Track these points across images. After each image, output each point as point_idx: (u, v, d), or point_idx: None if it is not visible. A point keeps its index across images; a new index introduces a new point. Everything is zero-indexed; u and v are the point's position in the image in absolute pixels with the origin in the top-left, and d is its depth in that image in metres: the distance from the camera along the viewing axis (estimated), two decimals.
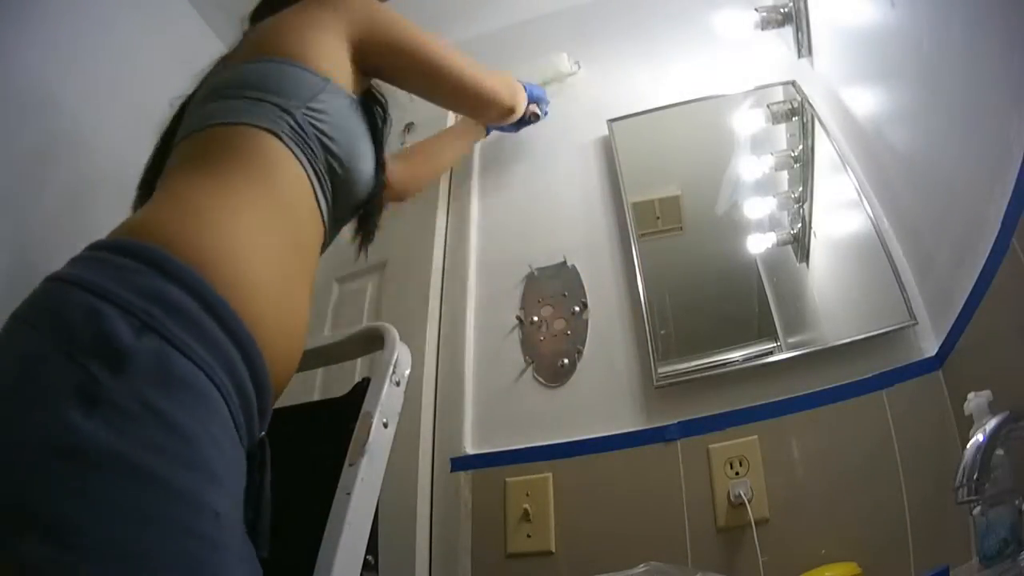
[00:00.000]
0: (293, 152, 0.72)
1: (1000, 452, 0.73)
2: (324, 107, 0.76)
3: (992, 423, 0.73)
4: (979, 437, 0.72)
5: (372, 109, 0.95)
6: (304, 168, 0.73)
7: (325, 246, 0.83)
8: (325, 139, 0.75)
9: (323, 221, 0.78)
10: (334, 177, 0.78)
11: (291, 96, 0.74)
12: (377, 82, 1.00)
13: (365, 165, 0.83)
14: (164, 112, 0.91)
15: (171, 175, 0.70)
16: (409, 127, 1.79)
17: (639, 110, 1.60)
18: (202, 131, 0.72)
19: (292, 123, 0.72)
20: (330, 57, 0.81)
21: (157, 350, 0.48)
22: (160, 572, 0.43)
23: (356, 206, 0.88)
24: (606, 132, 1.60)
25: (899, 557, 0.98)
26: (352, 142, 0.80)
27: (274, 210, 0.67)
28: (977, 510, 0.76)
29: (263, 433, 0.60)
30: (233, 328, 0.54)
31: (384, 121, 0.98)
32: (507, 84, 1.25)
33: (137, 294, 0.50)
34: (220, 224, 0.60)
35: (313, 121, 0.74)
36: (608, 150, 1.58)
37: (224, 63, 0.87)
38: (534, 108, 1.48)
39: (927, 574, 0.90)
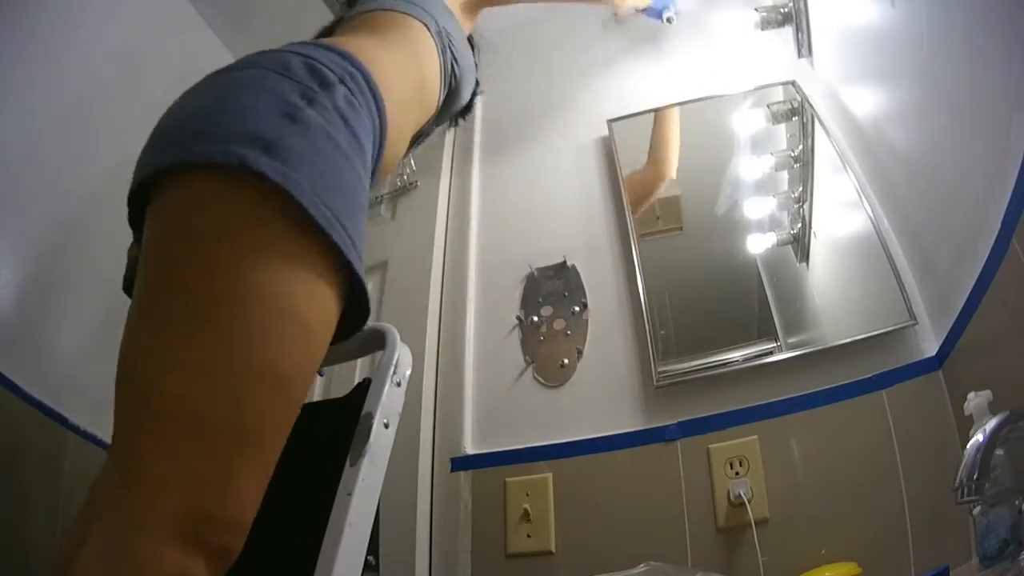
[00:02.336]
0: (435, 43, 0.89)
1: (1000, 452, 0.73)
2: (451, 28, 0.94)
3: (992, 423, 0.73)
4: (979, 437, 0.72)
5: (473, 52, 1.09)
6: (439, 57, 0.90)
7: (423, 134, 0.97)
8: (452, 49, 0.92)
9: (437, 102, 0.92)
10: (452, 79, 0.93)
11: (432, 10, 0.92)
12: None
13: (467, 89, 1.00)
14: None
15: (341, 34, 0.88)
16: None
17: (639, 110, 1.60)
18: (360, 15, 0.90)
19: (435, 26, 0.90)
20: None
21: (347, 95, 0.67)
22: (336, 191, 0.61)
23: (451, 115, 1.03)
24: (606, 132, 1.60)
25: (899, 557, 0.98)
26: (466, 63, 0.98)
27: (411, 66, 0.85)
28: (977, 510, 0.76)
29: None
30: (380, 105, 0.73)
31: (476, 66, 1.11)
32: None
33: (336, 65, 0.69)
34: (378, 55, 0.78)
35: (443, 31, 0.92)
36: (608, 150, 1.58)
37: None
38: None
39: (927, 574, 0.90)
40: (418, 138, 0.96)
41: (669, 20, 1.64)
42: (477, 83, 1.07)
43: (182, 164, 0.57)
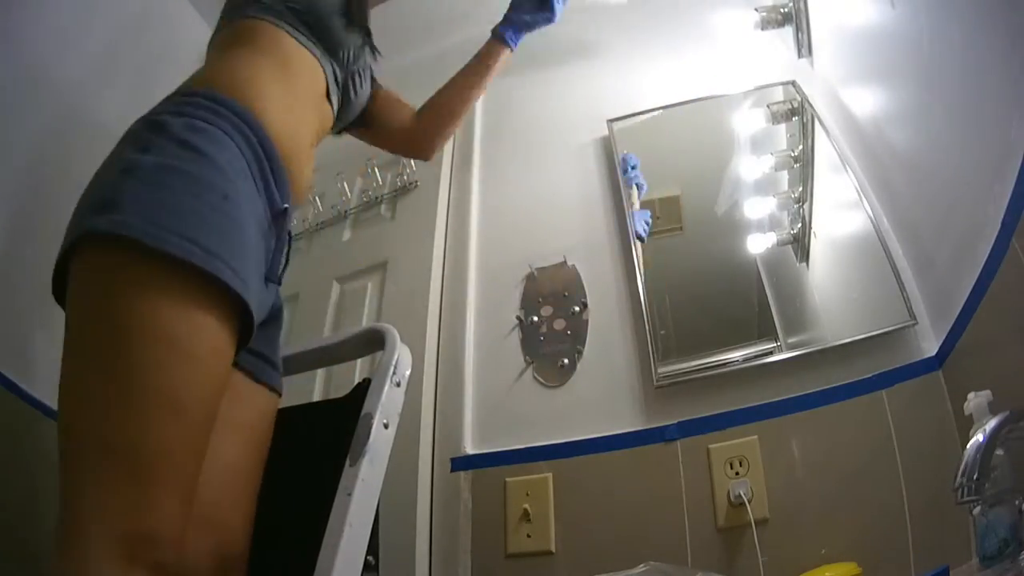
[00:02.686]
0: (265, 19, 0.90)
1: (1000, 452, 0.73)
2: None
3: (992, 423, 0.73)
4: (979, 437, 0.71)
5: None
6: (282, 28, 0.90)
7: (349, 80, 0.99)
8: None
9: (315, 56, 0.93)
10: (307, 24, 0.93)
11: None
12: None
13: (330, 20, 0.96)
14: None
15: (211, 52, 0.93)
16: None
17: (639, 110, 1.60)
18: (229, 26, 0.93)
19: (275, 12, 0.91)
20: None
21: (184, 122, 0.72)
22: (186, 215, 0.65)
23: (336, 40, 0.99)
24: (606, 132, 1.60)
25: (899, 557, 0.98)
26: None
27: (259, 52, 0.87)
28: (977, 510, 0.76)
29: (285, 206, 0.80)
30: (232, 107, 0.76)
31: None
32: None
33: (170, 104, 0.76)
34: (232, 67, 0.84)
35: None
36: (608, 150, 1.58)
37: None
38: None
39: (927, 574, 0.90)
40: (346, 83, 0.99)
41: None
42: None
43: (68, 246, 0.66)
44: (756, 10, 1.50)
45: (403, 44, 1.08)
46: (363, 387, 0.79)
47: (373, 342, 0.87)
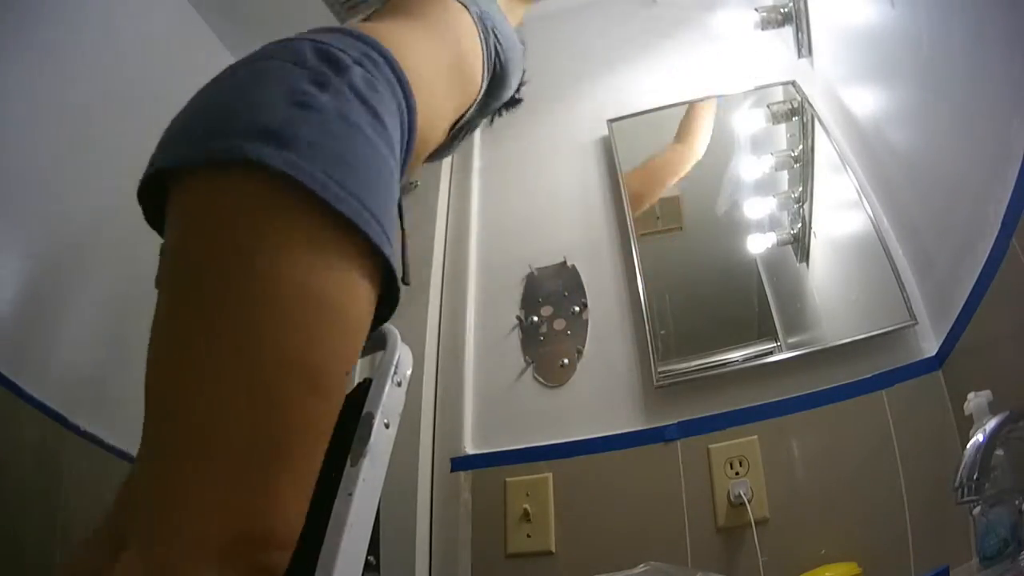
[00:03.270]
0: (476, 25, 0.86)
1: (1000, 452, 0.73)
2: (492, 12, 0.91)
3: (992, 423, 0.73)
4: (979, 437, 0.72)
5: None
6: (480, 39, 0.87)
7: (467, 122, 0.94)
8: (496, 34, 0.90)
9: (480, 87, 0.89)
10: (496, 64, 0.91)
11: None
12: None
13: (514, 78, 0.98)
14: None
15: (369, 22, 0.86)
16: None
17: (639, 110, 1.60)
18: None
19: (475, 8, 0.87)
20: None
21: (365, 75, 0.65)
22: (357, 173, 0.58)
23: (497, 104, 1.01)
24: (606, 132, 1.60)
25: (899, 557, 0.98)
26: (512, 51, 0.94)
27: (446, 47, 0.82)
28: (977, 510, 0.76)
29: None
30: (405, 87, 0.70)
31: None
32: None
33: (353, 48, 0.67)
34: (405, 35, 0.77)
35: (484, 14, 0.89)
36: (608, 150, 1.58)
37: None
38: None
39: (927, 574, 0.90)
40: (462, 127, 0.93)
41: None
42: (523, 73, 1.03)
43: (191, 162, 0.56)
44: (756, 10, 1.50)
45: None
46: (364, 387, 0.79)
47: (374, 342, 0.87)
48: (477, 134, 1.75)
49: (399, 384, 0.77)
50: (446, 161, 1.70)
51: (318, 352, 0.54)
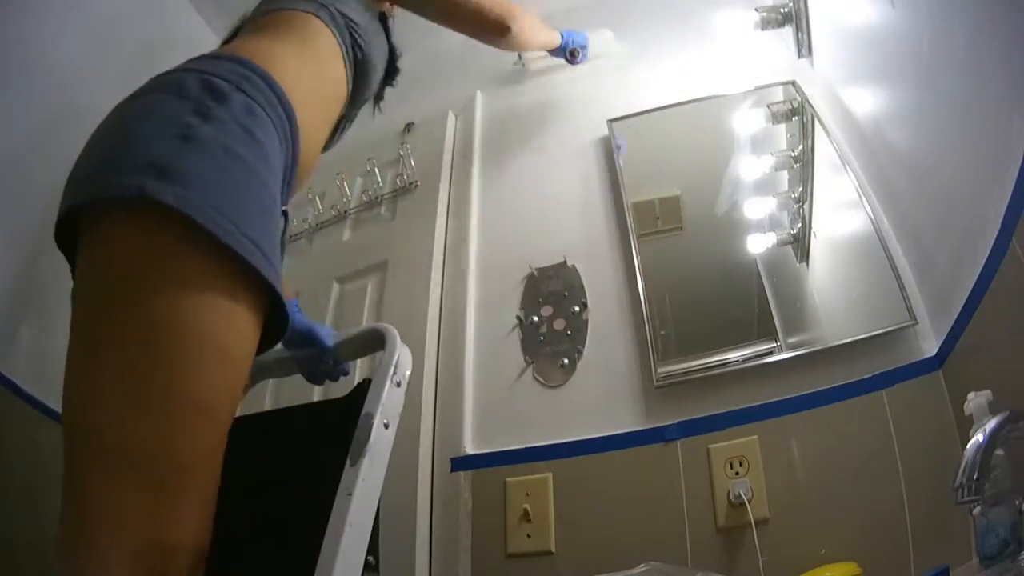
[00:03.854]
0: (331, 31, 0.89)
1: (1000, 452, 0.73)
2: (346, 9, 0.92)
3: (992, 423, 0.73)
4: (979, 437, 0.72)
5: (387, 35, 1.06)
6: (339, 43, 0.89)
7: (345, 118, 0.98)
8: (352, 30, 0.92)
9: (347, 87, 0.93)
10: (356, 58, 0.93)
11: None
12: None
13: (379, 60, 0.99)
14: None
15: (241, 39, 0.88)
16: (409, 127, 1.80)
17: (639, 110, 1.60)
18: (264, 15, 0.89)
19: (327, 12, 0.89)
20: None
21: (245, 101, 0.68)
22: (240, 204, 0.61)
23: (371, 90, 1.02)
24: (606, 132, 1.60)
25: (899, 557, 0.98)
26: (372, 38, 0.96)
27: (311, 61, 0.85)
28: (977, 510, 0.76)
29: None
30: (285, 105, 0.74)
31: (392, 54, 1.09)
32: (506, 10, 1.35)
33: (230, 72, 0.70)
34: (277, 56, 0.79)
35: (336, 14, 0.91)
36: (608, 150, 1.58)
37: None
38: (575, 48, 1.65)
39: (927, 574, 0.90)
40: (341, 123, 0.98)
41: (573, 54, 1.65)
42: (394, 49, 1.06)
43: (91, 200, 0.59)
44: (756, 10, 1.50)
45: (402, 43, 1.08)
46: (363, 387, 0.79)
47: (373, 342, 0.87)
48: (477, 134, 1.75)
49: (398, 384, 0.77)
50: (446, 161, 1.71)
51: (204, 385, 0.59)
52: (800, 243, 1.43)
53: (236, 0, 1.00)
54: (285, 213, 0.78)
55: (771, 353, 1.27)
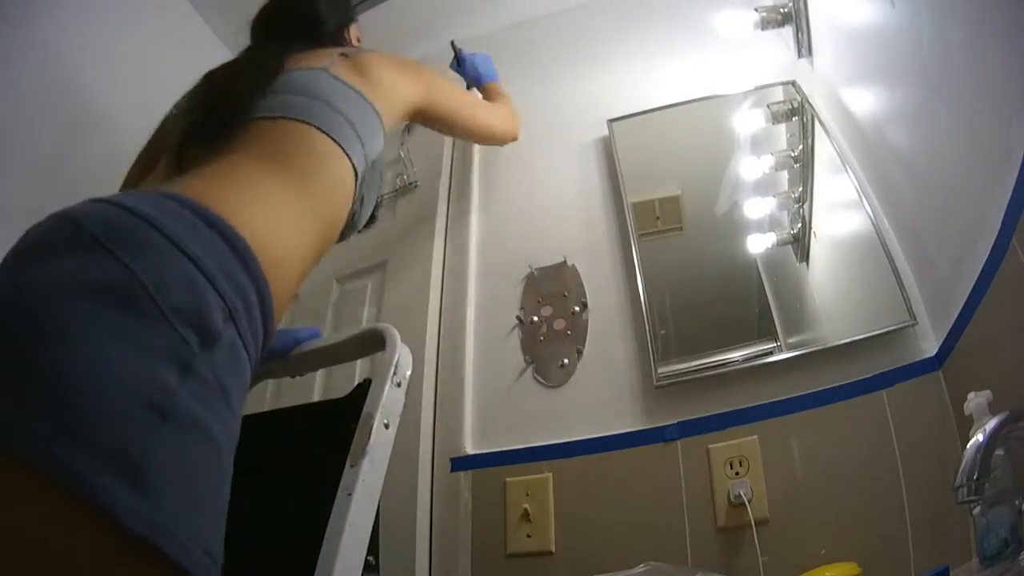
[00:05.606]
0: (353, 180, 0.79)
1: (1000, 452, 0.74)
2: (375, 149, 0.85)
3: (992, 423, 0.73)
4: (979, 437, 0.72)
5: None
6: (354, 193, 0.80)
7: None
8: (362, 182, 0.83)
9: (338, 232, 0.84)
10: (354, 210, 0.85)
11: (363, 132, 0.82)
12: None
13: (368, 210, 0.92)
14: (167, 109, 0.93)
15: (240, 155, 0.71)
16: (409, 127, 1.80)
17: (639, 110, 1.60)
18: (268, 120, 0.75)
19: (359, 157, 0.81)
20: (392, 109, 0.93)
21: (232, 340, 0.56)
22: (202, 509, 0.51)
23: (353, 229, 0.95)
24: (606, 132, 1.60)
25: (899, 557, 0.98)
26: (373, 186, 0.90)
27: (325, 230, 0.75)
28: (977, 510, 0.76)
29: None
30: (269, 333, 0.63)
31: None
32: (508, 118, 1.40)
33: (226, 279, 0.55)
34: (288, 231, 0.66)
35: (368, 155, 0.83)
36: (608, 150, 1.58)
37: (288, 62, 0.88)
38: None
39: (927, 574, 0.90)
40: None
41: (468, 86, 1.56)
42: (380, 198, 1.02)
43: (29, 463, 0.44)
44: (756, 10, 1.50)
45: (402, 43, 1.08)
46: (363, 387, 0.79)
47: (373, 342, 0.87)
48: None
49: (398, 385, 0.77)
50: (446, 161, 1.71)
51: None
52: (800, 243, 1.43)
53: (236, 0, 1.00)
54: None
55: (771, 353, 1.27)
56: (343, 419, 0.76)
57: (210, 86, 0.86)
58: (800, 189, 1.47)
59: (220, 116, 0.75)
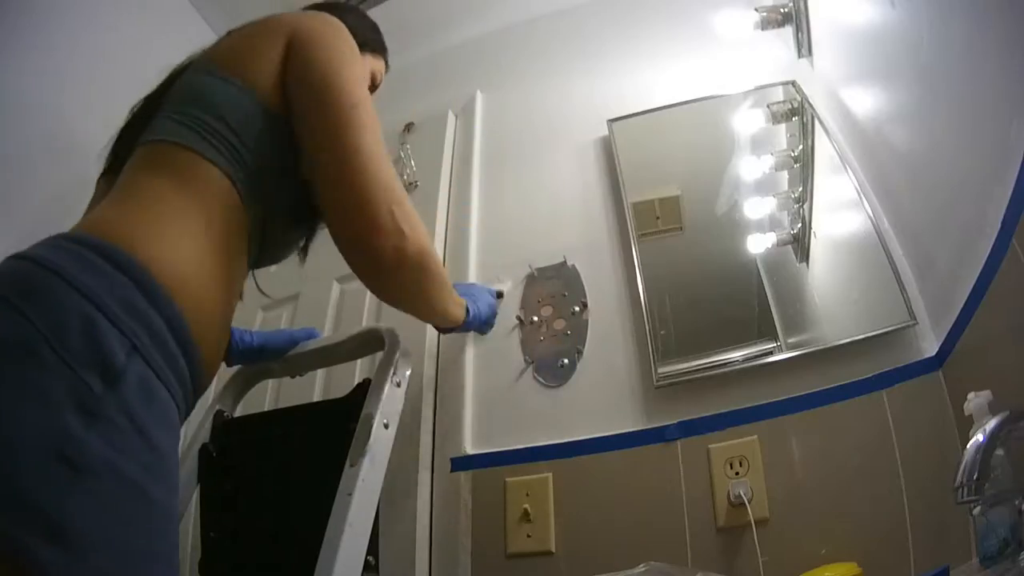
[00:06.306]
0: (237, 190, 0.70)
1: (1000, 452, 0.73)
2: (255, 142, 0.72)
3: (992, 423, 0.73)
4: (979, 437, 0.72)
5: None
6: (243, 203, 0.71)
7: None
8: (262, 177, 0.73)
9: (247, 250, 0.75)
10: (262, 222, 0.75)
11: (236, 129, 0.71)
12: None
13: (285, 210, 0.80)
14: None
15: (138, 179, 0.69)
16: (409, 127, 1.80)
17: (639, 110, 1.60)
18: (159, 143, 0.71)
19: (238, 162, 0.71)
20: (266, 77, 0.75)
21: (142, 374, 0.53)
22: (144, 567, 0.49)
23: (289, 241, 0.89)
24: (606, 132, 1.60)
25: (899, 557, 0.98)
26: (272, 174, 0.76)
27: (219, 242, 0.67)
28: (977, 510, 0.76)
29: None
30: (193, 357, 0.59)
31: None
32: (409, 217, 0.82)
33: (125, 311, 0.53)
34: (187, 251, 0.62)
35: (244, 154, 0.72)
36: (608, 150, 1.58)
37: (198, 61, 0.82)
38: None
39: (927, 574, 0.90)
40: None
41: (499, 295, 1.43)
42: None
43: None
44: (756, 10, 1.50)
45: (402, 43, 1.08)
46: (363, 387, 0.79)
47: (373, 342, 0.87)
48: (477, 134, 1.75)
49: (398, 384, 0.77)
50: (446, 161, 1.71)
51: None
52: (800, 243, 1.43)
53: (236, 0, 1.00)
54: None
55: (771, 353, 1.27)
56: (343, 419, 0.76)
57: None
58: (800, 189, 1.47)
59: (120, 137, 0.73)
